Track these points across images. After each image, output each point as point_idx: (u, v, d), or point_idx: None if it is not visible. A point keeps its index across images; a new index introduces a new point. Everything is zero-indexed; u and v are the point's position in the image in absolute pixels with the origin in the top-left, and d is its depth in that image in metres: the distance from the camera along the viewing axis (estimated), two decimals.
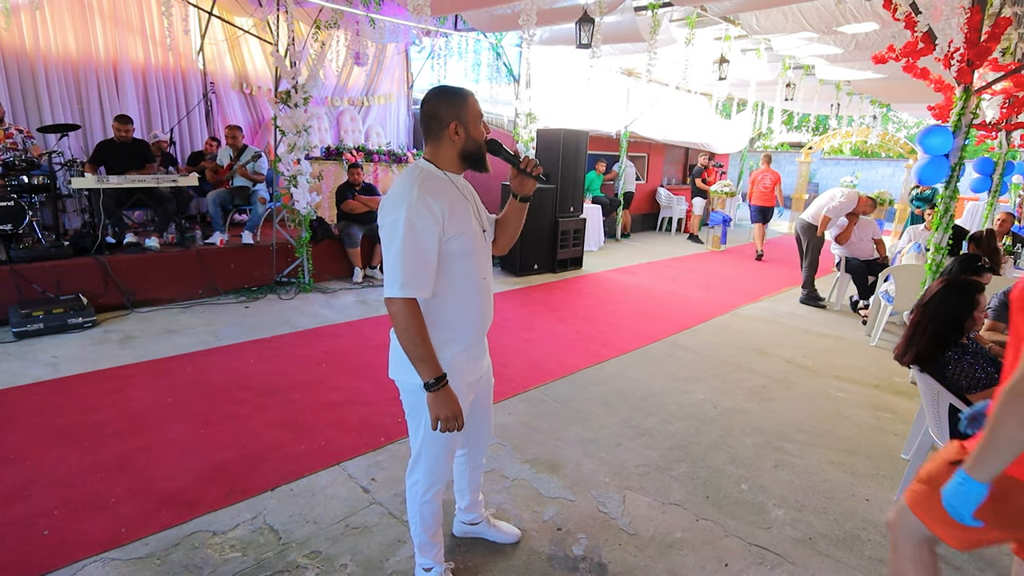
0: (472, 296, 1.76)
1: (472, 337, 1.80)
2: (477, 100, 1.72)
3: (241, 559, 2.16)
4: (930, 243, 4.10)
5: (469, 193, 1.80)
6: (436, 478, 1.87)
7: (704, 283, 7.41)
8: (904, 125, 19.62)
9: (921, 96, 7.55)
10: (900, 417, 3.70)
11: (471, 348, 1.80)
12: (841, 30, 5.21)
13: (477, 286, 1.76)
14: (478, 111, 1.70)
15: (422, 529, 1.94)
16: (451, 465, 1.94)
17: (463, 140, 1.67)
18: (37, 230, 5.21)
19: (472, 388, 1.87)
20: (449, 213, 1.62)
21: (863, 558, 2.34)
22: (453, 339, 1.75)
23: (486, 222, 1.84)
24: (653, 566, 2.24)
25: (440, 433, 1.70)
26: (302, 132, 5.72)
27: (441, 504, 1.96)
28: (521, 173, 1.79)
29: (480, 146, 1.71)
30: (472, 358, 1.82)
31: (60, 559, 2.10)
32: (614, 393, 3.84)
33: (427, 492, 1.88)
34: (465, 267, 1.71)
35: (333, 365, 4.09)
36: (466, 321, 1.77)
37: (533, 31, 4.37)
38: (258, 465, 2.77)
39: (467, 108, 1.66)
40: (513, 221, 1.93)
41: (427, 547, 1.99)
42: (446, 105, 1.66)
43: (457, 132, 1.66)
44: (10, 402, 3.32)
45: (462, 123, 1.66)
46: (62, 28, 6.60)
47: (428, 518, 1.92)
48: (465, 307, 1.75)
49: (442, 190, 1.65)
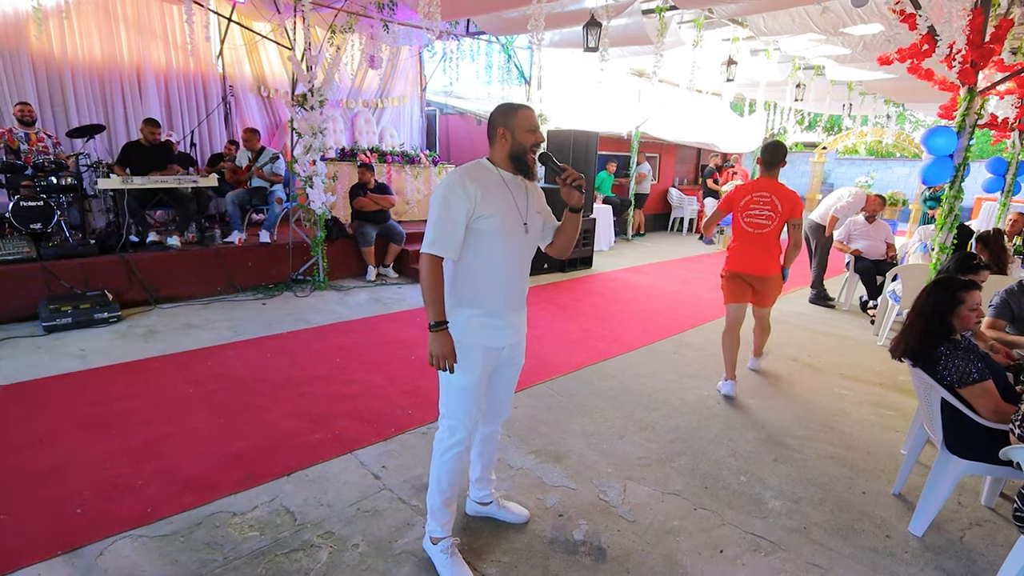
0: (495, 273, 2.00)
1: (491, 307, 2.02)
2: (532, 113, 2.00)
3: (259, 538, 2.29)
4: (935, 242, 4.14)
5: (521, 191, 2.04)
6: (450, 432, 2.08)
7: (713, 283, 7.43)
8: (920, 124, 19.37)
9: (933, 96, 7.53)
10: (902, 414, 3.75)
11: (488, 317, 2.02)
12: (847, 31, 5.24)
13: (502, 266, 2.00)
14: (530, 123, 1.97)
15: (437, 491, 2.12)
16: (467, 427, 2.09)
17: (509, 143, 1.98)
18: (65, 229, 5.42)
19: (491, 355, 2.08)
20: (482, 195, 1.91)
21: (856, 547, 2.41)
22: (471, 303, 2.02)
23: (531, 219, 2.06)
24: (650, 551, 2.33)
25: (453, 384, 2.03)
26: (318, 134, 5.88)
27: (459, 464, 2.10)
28: (564, 184, 1.99)
29: (524, 150, 1.97)
30: (489, 326, 2.03)
31: (92, 535, 2.25)
32: (619, 389, 3.93)
33: (448, 451, 2.09)
34: (492, 246, 1.97)
35: (346, 359, 4.23)
36: (486, 292, 2.01)
37: (542, 35, 4.47)
38: (275, 452, 2.91)
39: (515, 118, 1.96)
40: (566, 229, 2.16)
41: (439, 513, 2.14)
42: (500, 115, 1.99)
43: (504, 136, 1.98)
44: (42, 392, 3.50)
45: (509, 129, 1.97)
46: (88, 35, 6.84)
47: (443, 479, 2.11)
48: (487, 280, 2.00)
49: (484, 178, 1.96)
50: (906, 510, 2.68)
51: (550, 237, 2.19)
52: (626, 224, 10.80)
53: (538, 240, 2.16)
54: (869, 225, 6.28)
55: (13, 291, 4.68)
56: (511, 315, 2.08)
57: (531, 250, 2.12)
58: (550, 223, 2.19)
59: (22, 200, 5.08)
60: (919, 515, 2.53)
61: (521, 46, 8.81)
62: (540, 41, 4.52)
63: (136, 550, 2.19)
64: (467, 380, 2.03)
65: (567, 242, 2.18)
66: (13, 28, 6.26)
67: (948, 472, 2.43)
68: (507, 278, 2.03)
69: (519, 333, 2.15)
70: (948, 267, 3.60)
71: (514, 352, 2.17)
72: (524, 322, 2.18)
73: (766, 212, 3.72)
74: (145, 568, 2.10)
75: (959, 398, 2.35)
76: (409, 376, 3.96)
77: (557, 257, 2.28)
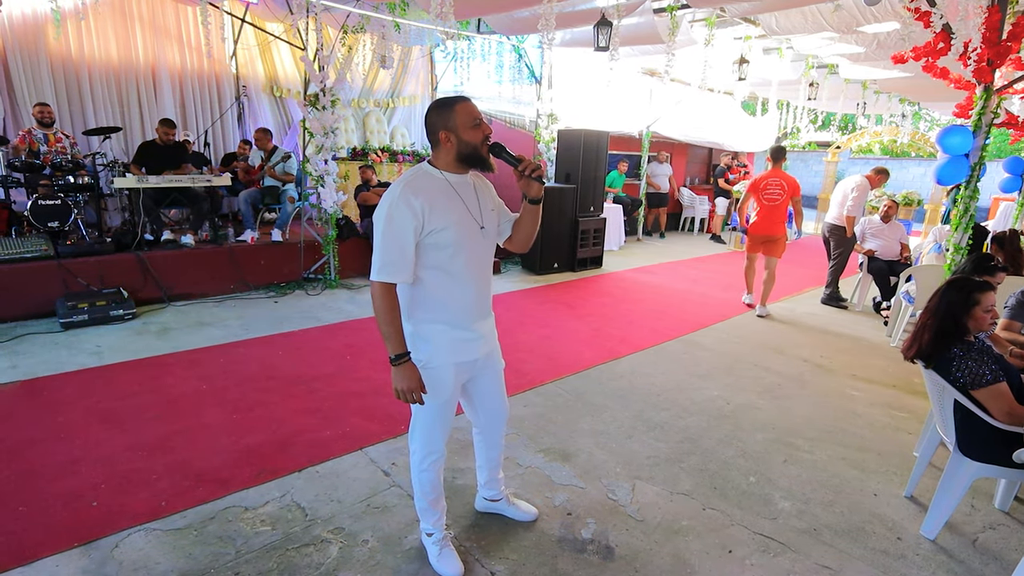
0: (456, 285, 1.89)
1: (457, 321, 1.93)
2: (472, 105, 1.83)
3: (271, 532, 2.32)
4: (949, 243, 4.09)
5: (469, 191, 1.91)
6: (429, 449, 2.04)
7: (724, 283, 7.41)
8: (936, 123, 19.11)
9: (949, 94, 7.43)
10: (916, 416, 3.71)
11: (455, 330, 1.93)
12: (862, 30, 5.19)
13: (463, 276, 1.89)
14: (471, 116, 1.81)
15: (420, 495, 2.13)
16: (443, 440, 2.07)
17: (455, 145, 1.82)
18: (82, 227, 5.51)
19: (464, 370, 2.01)
20: (430, 209, 1.78)
21: (867, 549, 2.39)
22: (436, 320, 1.91)
23: (487, 219, 1.94)
24: (658, 550, 2.33)
25: (424, 408, 1.95)
26: (329, 134, 5.93)
27: (440, 475, 2.12)
28: (522, 176, 1.86)
29: (475, 148, 1.82)
30: (458, 340, 1.94)
31: (107, 528, 2.29)
32: (628, 388, 3.93)
33: (423, 461, 2.06)
34: (448, 258, 1.85)
35: (357, 357, 4.26)
36: (449, 306, 1.91)
37: (552, 35, 4.47)
38: (286, 448, 2.94)
39: (455, 116, 1.80)
40: (526, 222, 2.03)
41: (426, 512, 2.16)
42: (435, 116, 1.83)
43: (448, 140, 1.82)
44: (60, 387, 3.56)
45: (451, 130, 1.81)
46: (105, 36, 6.95)
47: (425, 485, 2.10)
48: (448, 294, 1.89)
49: (428, 188, 1.81)
50: (918, 512, 2.66)
51: (508, 231, 2.06)
52: (636, 223, 10.76)
53: (495, 238, 2.04)
54: (884, 225, 6.22)
55: (32, 288, 4.76)
56: (479, 324, 1.99)
57: (490, 251, 2.01)
58: (506, 217, 2.06)
59: (40, 199, 5.17)
60: (931, 518, 2.50)
61: (532, 45, 8.81)
62: (551, 41, 4.52)
63: (150, 543, 2.23)
64: (440, 398, 1.96)
65: (527, 236, 2.05)
66: (32, 29, 6.37)
67: (961, 475, 2.41)
68: (470, 288, 1.92)
69: (490, 342, 2.07)
70: (963, 268, 3.55)
71: (489, 360, 2.09)
72: (493, 327, 2.10)
73: (777, 191, 5.67)
74: (159, 561, 2.13)
75: (972, 400, 2.33)
76: None
77: (517, 252, 2.13)
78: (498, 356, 2.16)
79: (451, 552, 2.17)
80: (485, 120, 1.88)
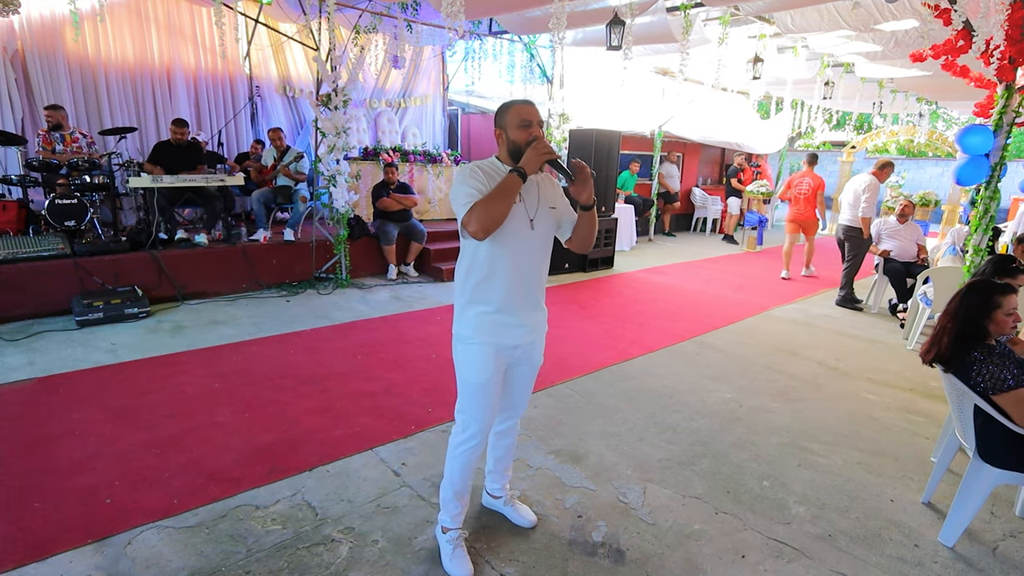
0: (502, 272, 1.98)
1: (501, 306, 2.00)
2: (524, 108, 1.97)
3: (281, 531, 2.32)
4: (968, 244, 4.01)
5: (530, 187, 2.03)
6: (466, 427, 2.10)
7: (736, 284, 7.35)
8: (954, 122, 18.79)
9: (969, 93, 7.29)
10: (933, 421, 3.65)
11: (500, 314, 2.01)
12: (879, 28, 5.11)
13: (508, 265, 1.98)
14: (521, 119, 1.95)
15: (448, 483, 2.16)
16: (483, 422, 2.09)
17: (505, 143, 2.01)
18: (97, 226, 5.58)
19: (506, 353, 2.07)
20: (489, 186, 1.91)
21: (883, 556, 2.35)
22: (481, 301, 2.01)
23: (541, 217, 2.04)
24: (670, 554, 2.31)
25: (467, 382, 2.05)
26: (341, 133, 5.95)
27: (471, 466, 2.12)
28: (571, 182, 2.00)
29: (518, 147, 1.96)
30: (502, 323, 2.02)
31: (120, 524, 2.31)
32: (639, 390, 3.90)
33: (459, 442, 2.12)
34: (496, 245, 1.95)
35: (368, 357, 4.27)
36: (494, 291, 2.00)
37: (564, 34, 4.45)
38: (297, 447, 2.95)
39: (507, 116, 1.98)
40: (580, 226, 2.15)
41: (448, 503, 2.17)
42: (497, 115, 2.03)
43: (501, 137, 2.02)
44: (75, 384, 3.61)
45: (503, 129, 2.00)
46: (121, 37, 7.04)
47: (455, 472, 2.14)
48: (494, 280, 1.99)
49: (492, 172, 1.97)
50: (936, 519, 2.61)
51: (569, 231, 2.17)
52: (649, 224, 10.71)
53: (552, 235, 2.14)
54: (900, 225, 6.13)
55: (48, 286, 4.82)
56: (524, 314, 2.06)
57: (542, 247, 2.09)
58: (568, 217, 2.16)
59: (57, 198, 5.24)
60: (950, 524, 2.45)
61: (543, 45, 8.79)
62: (562, 40, 4.50)
63: (163, 540, 2.24)
64: (480, 377, 2.03)
65: (584, 239, 2.16)
66: (50, 31, 6.46)
67: (981, 481, 2.36)
68: (515, 277, 2.00)
69: (535, 332, 2.13)
70: (984, 269, 3.48)
71: (530, 351, 2.15)
72: (542, 321, 2.16)
73: (808, 185, 7.53)
74: (171, 559, 2.14)
75: (993, 405, 2.28)
76: (429, 374, 3.98)
77: (578, 252, 2.25)
78: (539, 351, 2.20)
79: (463, 553, 2.17)
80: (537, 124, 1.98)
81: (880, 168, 6.27)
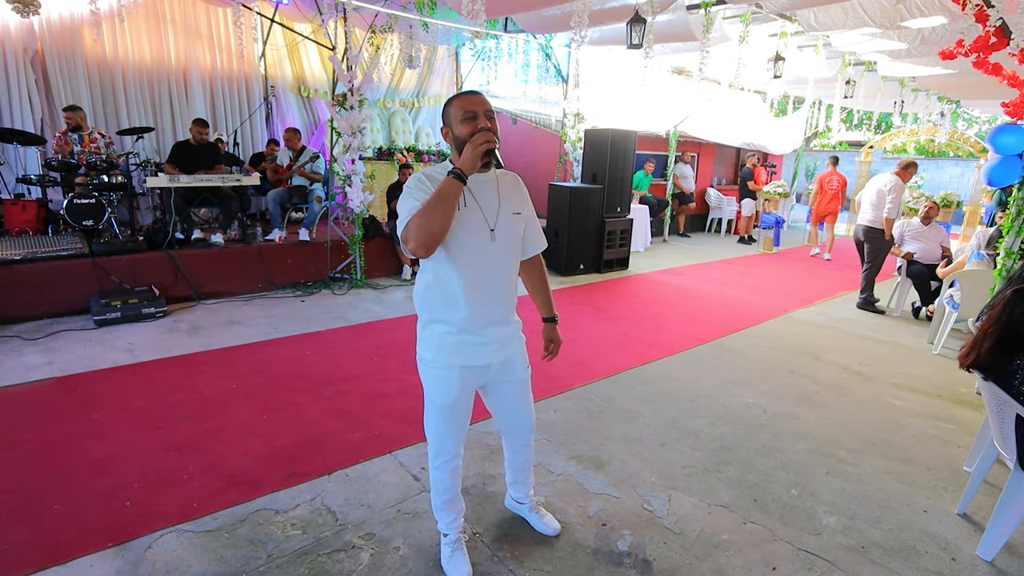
0: (461, 287, 1.82)
1: (462, 325, 1.86)
2: (468, 98, 1.79)
3: (302, 536, 2.29)
4: (1000, 247, 3.90)
5: (488, 190, 1.85)
6: (438, 449, 2.04)
7: (754, 286, 7.24)
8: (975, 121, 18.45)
9: (994, 92, 7.14)
10: (963, 428, 3.55)
11: (460, 334, 1.87)
12: (906, 25, 5.00)
13: (467, 280, 1.82)
14: (464, 110, 1.76)
15: (434, 493, 2.14)
16: (453, 443, 2.04)
17: (453, 141, 1.82)
18: (115, 226, 5.60)
19: (475, 375, 1.95)
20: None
21: (920, 569, 2.27)
22: (440, 320, 1.89)
23: (502, 224, 1.85)
24: (699, 565, 2.24)
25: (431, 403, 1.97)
26: (357, 133, 5.93)
27: (453, 478, 2.08)
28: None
29: (461, 141, 1.76)
30: (466, 344, 1.88)
31: (140, 528, 2.29)
32: (660, 394, 3.83)
33: (434, 460, 2.07)
34: (452, 258, 1.80)
35: (384, 358, 4.24)
36: (454, 309, 1.85)
37: (584, 32, 4.39)
38: (316, 450, 2.92)
39: (450, 111, 1.82)
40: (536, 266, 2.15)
41: (440, 512, 2.15)
42: (442, 113, 1.87)
43: (448, 136, 1.85)
44: (93, 384, 3.61)
45: (448, 126, 1.83)
46: (138, 38, 7.07)
47: (438, 484, 2.10)
48: (453, 296, 1.84)
49: (439, 179, 1.74)
50: (973, 531, 2.53)
51: (529, 250, 2.03)
52: (663, 224, 10.61)
53: (516, 247, 1.93)
54: (924, 227, 6.00)
55: (67, 285, 4.84)
56: (492, 330, 1.90)
57: (508, 258, 1.90)
58: (533, 228, 2.00)
59: (76, 198, 5.26)
60: (988, 538, 2.37)
61: (559, 44, 8.72)
62: (583, 38, 4.44)
63: (182, 544, 2.22)
64: (445, 399, 1.93)
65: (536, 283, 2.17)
66: (69, 32, 6.50)
67: (1022, 493, 2.28)
68: (479, 293, 1.83)
69: (508, 347, 1.97)
70: (1020, 274, 3.37)
71: (508, 367, 2.01)
72: (514, 334, 2.01)
73: (836, 182, 9.17)
74: (192, 564, 2.12)
75: None
76: None
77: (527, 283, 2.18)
78: (520, 365, 2.07)
79: (462, 555, 2.15)
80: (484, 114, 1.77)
81: (904, 168, 6.16)
